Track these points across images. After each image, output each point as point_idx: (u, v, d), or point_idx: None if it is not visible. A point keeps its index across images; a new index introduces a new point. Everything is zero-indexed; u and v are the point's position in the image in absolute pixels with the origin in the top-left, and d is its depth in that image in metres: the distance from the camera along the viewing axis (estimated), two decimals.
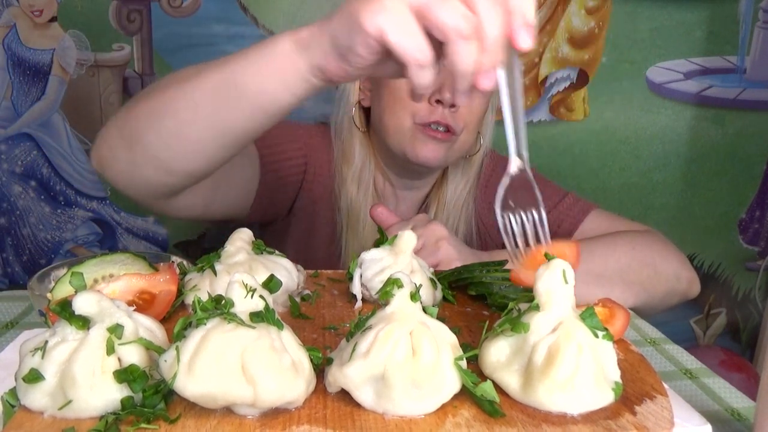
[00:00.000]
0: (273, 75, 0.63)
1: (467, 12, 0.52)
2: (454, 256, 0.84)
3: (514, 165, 0.63)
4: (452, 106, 0.96)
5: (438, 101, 0.95)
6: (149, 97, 0.72)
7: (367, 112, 1.08)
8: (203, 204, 0.87)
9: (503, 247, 1.12)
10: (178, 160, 0.71)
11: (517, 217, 0.64)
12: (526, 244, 0.64)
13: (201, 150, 0.70)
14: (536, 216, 0.64)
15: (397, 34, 0.53)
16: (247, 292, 0.46)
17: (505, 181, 0.64)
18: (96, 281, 0.64)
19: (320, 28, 0.60)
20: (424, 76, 0.55)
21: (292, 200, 1.09)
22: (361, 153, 1.06)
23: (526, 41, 0.53)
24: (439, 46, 0.54)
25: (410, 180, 1.09)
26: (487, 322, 0.54)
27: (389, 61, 0.57)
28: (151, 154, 0.71)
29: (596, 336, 0.49)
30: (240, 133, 0.69)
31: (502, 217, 0.64)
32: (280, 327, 0.47)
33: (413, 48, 0.53)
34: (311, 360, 0.48)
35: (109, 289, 0.58)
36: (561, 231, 1.06)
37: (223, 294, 0.47)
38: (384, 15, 0.53)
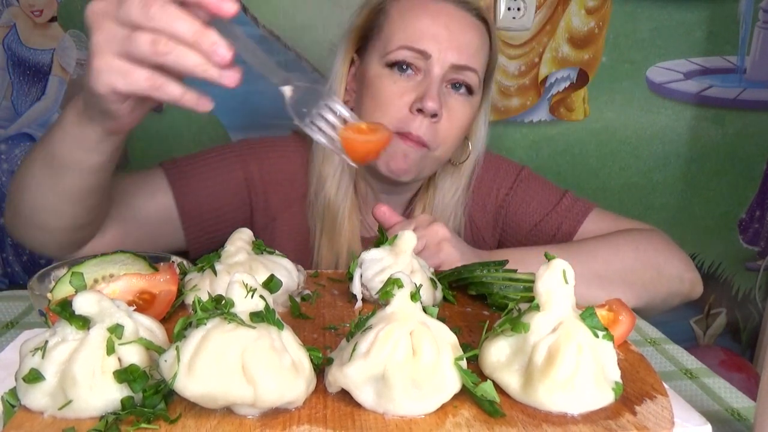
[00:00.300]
0: (77, 147, 0.71)
1: (155, 29, 0.58)
2: (456, 257, 0.83)
3: (286, 93, 0.71)
4: (434, 115, 0.92)
5: (419, 110, 0.92)
6: (17, 171, 0.81)
7: None
8: (114, 249, 0.87)
9: (498, 248, 1.11)
10: (49, 221, 0.79)
11: (321, 115, 0.74)
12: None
13: (60, 211, 0.78)
14: (330, 103, 0.74)
15: (121, 82, 0.61)
16: (247, 292, 0.46)
17: (289, 108, 0.72)
18: (96, 281, 0.64)
19: (85, 105, 0.68)
20: (169, 91, 0.61)
21: (243, 222, 1.02)
22: None
23: (229, 8, 0.60)
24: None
25: (390, 186, 1.05)
26: (487, 322, 0.54)
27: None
28: (27, 220, 0.81)
29: (596, 336, 0.49)
30: (84, 192, 0.76)
31: (311, 129, 0.74)
32: (280, 327, 0.47)
33: (139, 82, 0.60)
34: (311, 360, 0.48)
35: (109, 289, 0.58)
36: (561, 233, 1.04)
37: (224, 294, 0.47)
38: (103, 74, 0.61)
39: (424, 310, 0.50)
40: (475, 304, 0.69)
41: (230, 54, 0.60)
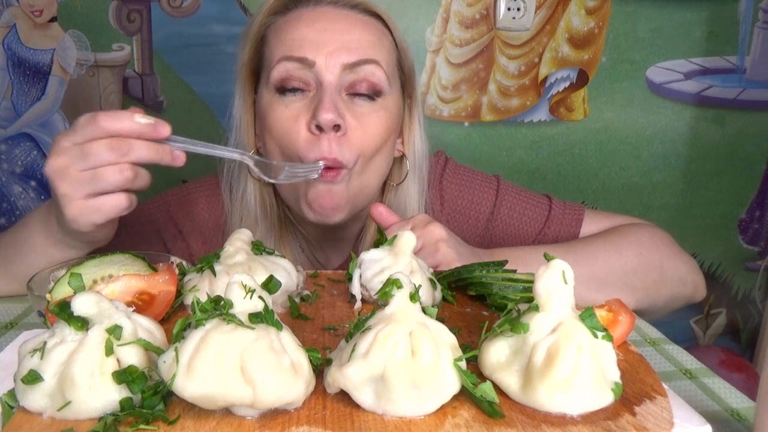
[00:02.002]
0: (52, 261, 0.77)
1: (118, 160, 0.70)
2: (453, 258, 0.81)
3: (248, 161, 0.81)
4: (336, 127, 0.83)
5: (318, 127, 0.83)
6: None
7: None
8: None
9: None
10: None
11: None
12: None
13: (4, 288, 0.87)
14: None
15: (98, 216, 0.72)
16: (246, 293, 0.46)
17: (256, 171, 0.83)
18: (95, 282, 0.64)
19: (63, 235, 0.77)
20: (134, 201, 0.74)
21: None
22: (264, 202, 0.97)
23: (164, 131, 0.73)
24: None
25: (328, 231, 0.98)
26: (487, 323, 0.54)
27: None
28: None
29: (596, 336, 0.49)
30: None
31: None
32: (279, 328, 0.47)
33: (115, 208, 0.72)
34: (310, 361, 0.48)
35: (108, 290, 0.58)
36: (560, 242, 1.01)
37: (223, 295, 0.47)
38: (80, 218, 0.71)
39: (424, 310, 0.50)
40: (475, 304, 0.69)
41: (184, 156, 0.74)
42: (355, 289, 0.66)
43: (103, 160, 0.69)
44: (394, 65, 0.92)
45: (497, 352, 0.50)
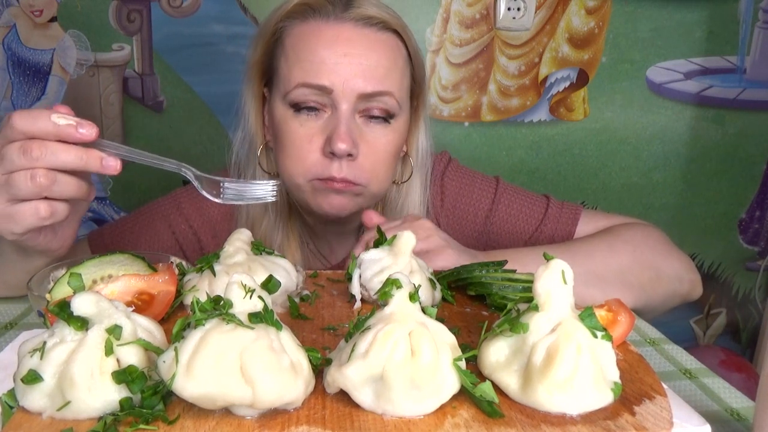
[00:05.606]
0: (26, 271, 0.75)
1: (31, 164, 0.63)
2: (442, 244, 0.82)
3: (189, 175, 0.72)
4: (349, 155, 0.86)
5: (332, 153, 0.85)
6: None
7: None
8: None
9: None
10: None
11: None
12: None
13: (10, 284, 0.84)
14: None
15: (15, 225, 0.66)
16: (246, 293, 0.46)
17: (197, 186, 0.73)
18: (95, 282, 0.64)
19: (9, 244, 0.74)
20: (59, 214, 0.67)
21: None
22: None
23: (88, 133, 0.64)
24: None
25: (332, 221, 0.98)
26: (486, 323, 0.54)
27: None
28: None
29: (595, 336, 0.49)
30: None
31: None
32: (278, 327, 0.47)
33: (27, 220, 0.66)
34: (310, 361, 0.48)
35: (107, 290, 0.58)
36: (556, 242, 1.02)
37: (222, 295, 0.47)
38: (6, 224, 0.66)
39: (423, 310, 0.50)
40: (474, 304, 0.69)
41: (119, 164, 0.66)
42: (355, 289, 0.66)
43: (14, 164, 0.63)
44: (406, 84, 0.93)
45: (497, 352, 0.50)
